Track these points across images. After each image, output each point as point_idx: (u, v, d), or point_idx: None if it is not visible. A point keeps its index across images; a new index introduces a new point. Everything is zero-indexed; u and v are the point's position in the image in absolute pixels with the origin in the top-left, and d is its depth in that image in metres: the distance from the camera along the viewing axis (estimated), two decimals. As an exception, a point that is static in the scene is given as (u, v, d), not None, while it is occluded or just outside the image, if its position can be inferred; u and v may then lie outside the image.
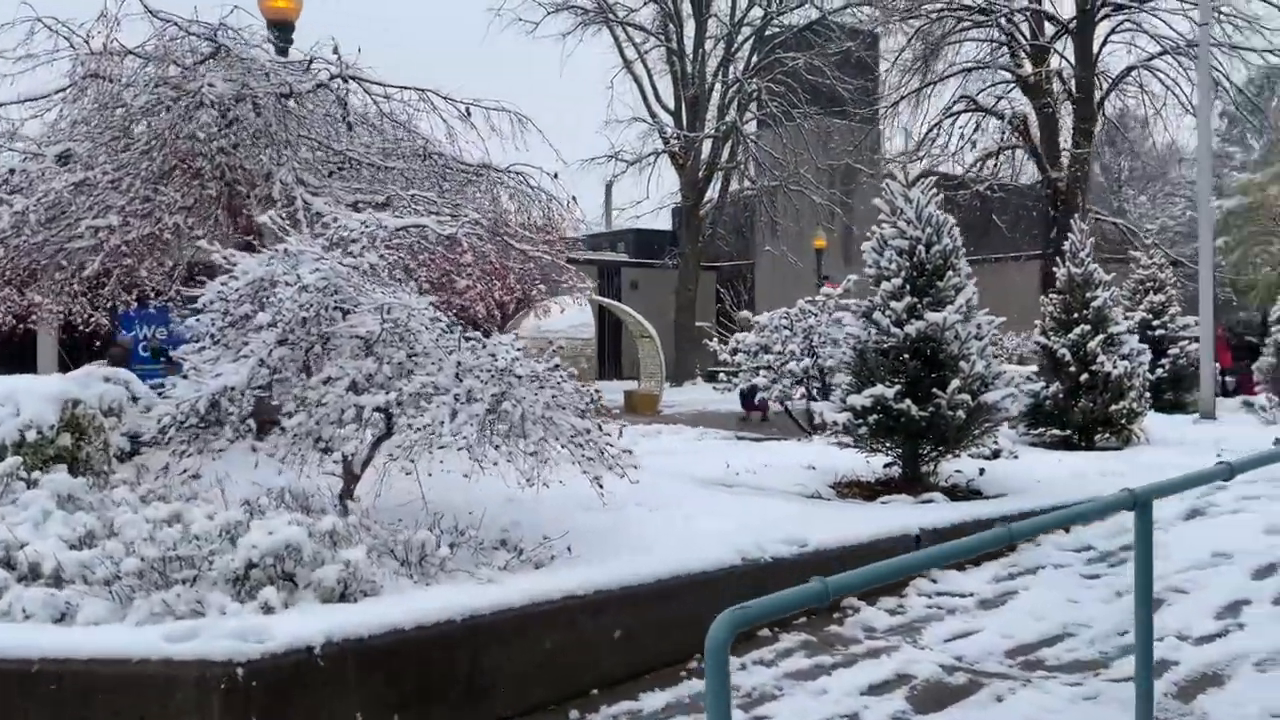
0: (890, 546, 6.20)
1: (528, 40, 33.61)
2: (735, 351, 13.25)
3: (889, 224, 7.88)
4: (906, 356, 7.48)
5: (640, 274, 40.70)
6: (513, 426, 5.42)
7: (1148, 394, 11.04)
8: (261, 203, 7.91)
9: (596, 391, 5.99)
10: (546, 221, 9.67)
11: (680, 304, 30.35)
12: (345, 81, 8.51)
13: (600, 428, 5.68)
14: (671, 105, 32.17)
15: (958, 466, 8.00)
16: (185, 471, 5.54)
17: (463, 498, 5.72)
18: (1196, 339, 14.70)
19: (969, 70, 24.21)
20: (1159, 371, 14.19)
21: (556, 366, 5.78)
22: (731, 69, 31.72)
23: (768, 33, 32.29)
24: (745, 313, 13.03)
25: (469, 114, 8.57)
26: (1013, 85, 23.66)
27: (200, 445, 5.64)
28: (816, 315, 12.63)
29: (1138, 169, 38.03)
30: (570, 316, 22.03)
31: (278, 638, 3.69)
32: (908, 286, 7.62)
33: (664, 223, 48.33)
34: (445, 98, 8.74)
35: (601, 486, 5.54)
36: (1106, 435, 10.95)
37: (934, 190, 7.86)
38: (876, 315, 7.56)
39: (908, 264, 7.65)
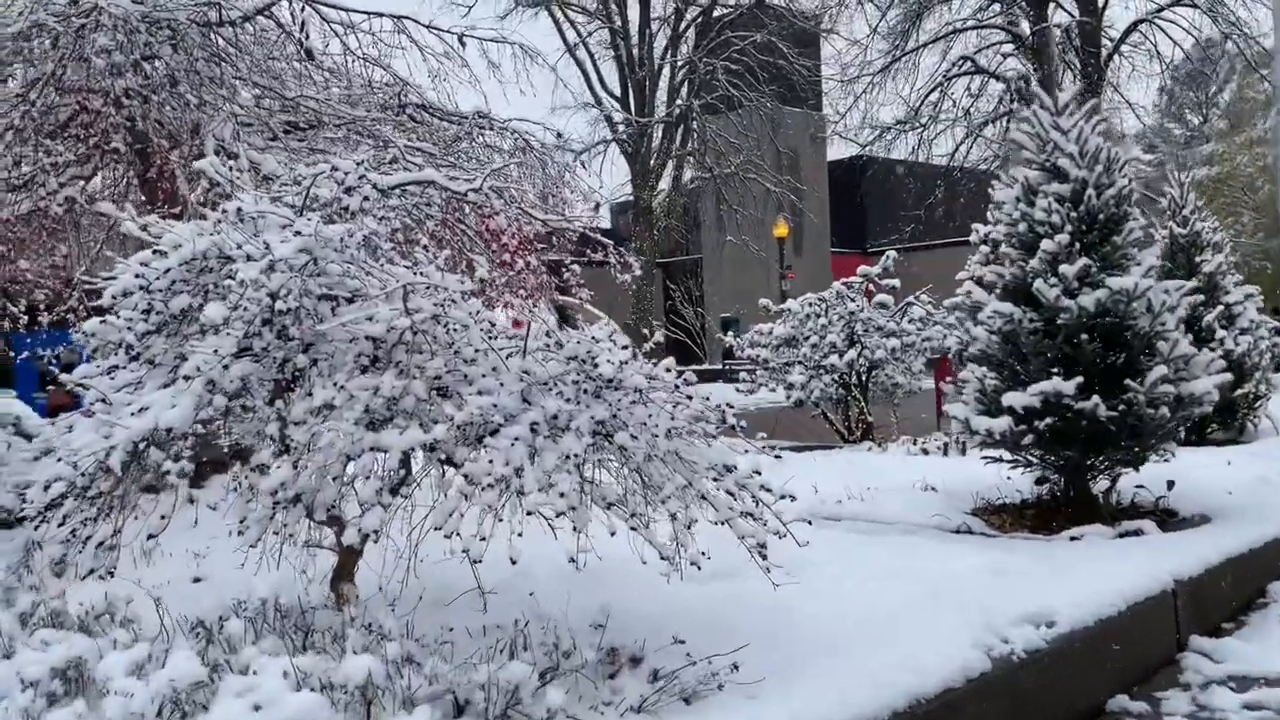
0: (1149, 611, 4.30)
1: (463, 24, 31.32)
2: (756, 345, 11.30)
3: (1035, 165, 5.99)
4: (1084, 338, 5.60)
5: (586, 273, 38.63)
6: (638, 470, 3.40)
7: (1272, 374, 9.38)
8: (188, 168, 5.72)
9: (728, 405, 3.99)
10: (554, 194, 7.60)
11: (640, 303, 28.34)
12: (296, 5, 6.34)
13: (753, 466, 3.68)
14: (618, 91, 30.22)
15: (1137, 480, 6.14)
16: (92, 572, 3.36)
17: (494, 572, 3.61)
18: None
19: (956, 32, 22.55)
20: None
21: (633, 358, 3.77)
22: (681, 50, 29.83)
23: (716, 12, 30.50)
24: (765, 300, 11.03)
25: (463, 43, 6.44)
26: (1003, 43, 22.02)
27: (116, 520, 3.51)
28: (855, 300, 10.73)
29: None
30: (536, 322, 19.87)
31: None
32: (1076, 245, 5.75)
33: (603, 221, 46.35)
34: (429, 26, 6.61)
35: (765, 557, 3.53)
36: (1214, 428, 9.27)
37: (1098, 117, 6.00)
38: (1039, 285, 5.65)
39: (1073, 215, 5.78)
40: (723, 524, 3.51)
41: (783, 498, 3.78)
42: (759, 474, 3.72)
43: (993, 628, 3.78)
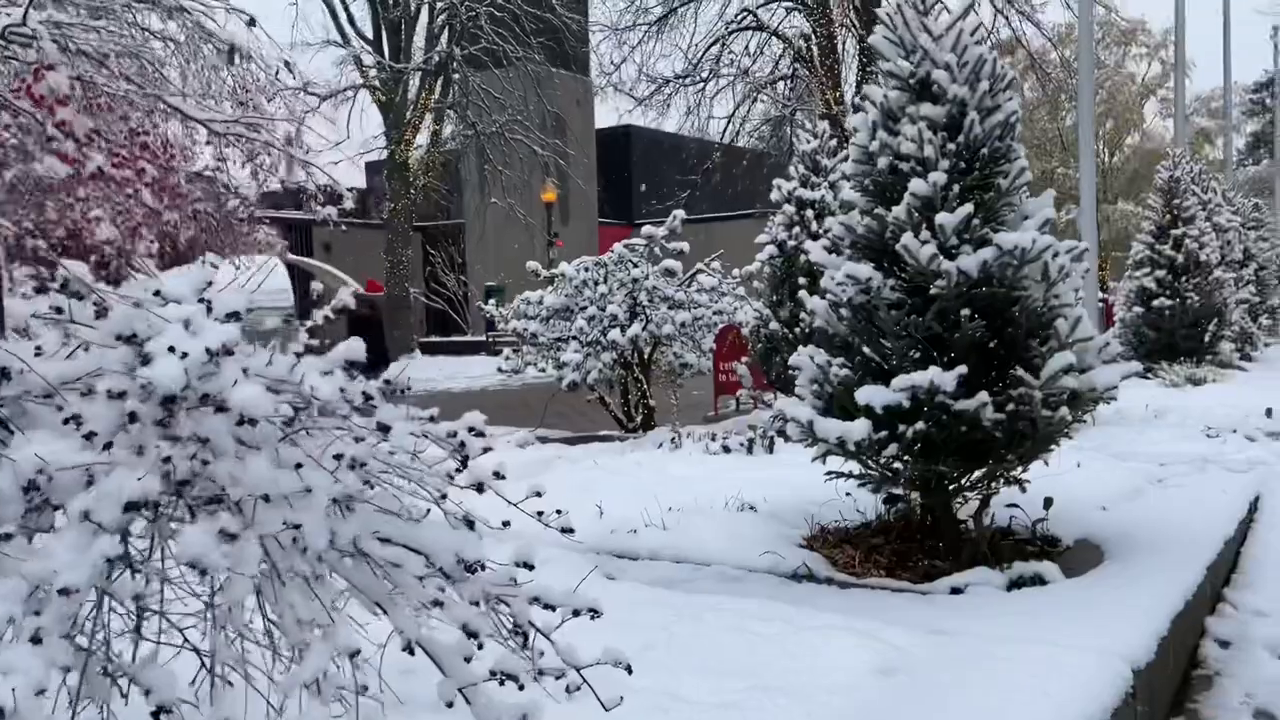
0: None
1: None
2: (522, 316, 9.46)
3: (895, 79, 4.47)
4: (965, 313, 4.14)
5: (334, 235, 35.41)
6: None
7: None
8: None
9: (471, 429, 2.15)
10: (244, 95, 5.40)
11: (395, 269, 25.77)
12: None
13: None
14: (370, 33, 27.24)
15: (1008, 497, 4.79)
16: None
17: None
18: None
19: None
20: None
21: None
22: (441, -8, 27.23)
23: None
24: (534, 263, 9.21)
25: None
26: (784, 1, 20.97)
27: None
28: (639, 265, 9.10)
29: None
30: (260, 282, 17.11)
31: None
32: (955, 187, 4.27)
33: (359, 179, 43.01)
34: None
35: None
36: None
37: (975, 19, 4.54)
38: (907, 241, 4.13)
39: (950, 147, 4.30)
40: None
41: (565, 531, 2.04)
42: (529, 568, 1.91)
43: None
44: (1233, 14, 23.52)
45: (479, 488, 1.86)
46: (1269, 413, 8.29)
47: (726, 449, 7.01)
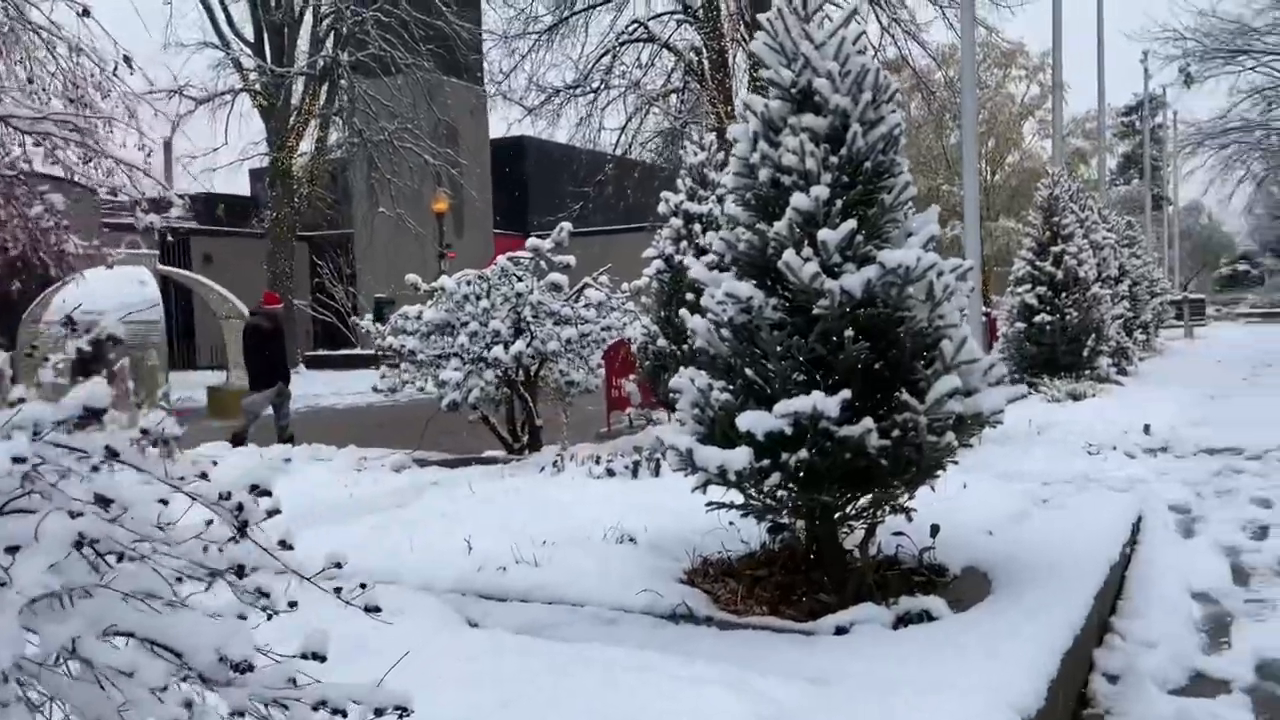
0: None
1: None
2: (400, 332, 9.01)
3: (777, 88, 4.26)
4: (849, 334, 3.94)
5: (215, 244, 34.00)
6: None
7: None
8: None
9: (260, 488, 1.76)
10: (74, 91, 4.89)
11: (276, 279, 24.80)
12: None
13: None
14: (251, 36, 26.22)
15: (894, 524, 4.61)
16: None
17: None
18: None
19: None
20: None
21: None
22: (326, -5, 26.39)
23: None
24: (413, 276, 8.80)
25: None
26: (675, 13, 20.80)
27: None
28: (524, 279, 8.77)
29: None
30: (126, 293, 16.13)
31: None
32: (838, 202, 4.07)
33: (242, 186, 41.53)
34: None
35: None
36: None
37: (858, 27, 4.36)
38: (789, 258, 3.91)
39: (833, 160, 4.10)
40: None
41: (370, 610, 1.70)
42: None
43: None
44: (1105, 39, 24.43)
45: (239, 572, 1.51)
46: (1147, 429, 8.42)
47: (610, 472, 6.73)
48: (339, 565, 1.64)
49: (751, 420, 3.94)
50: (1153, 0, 35.89)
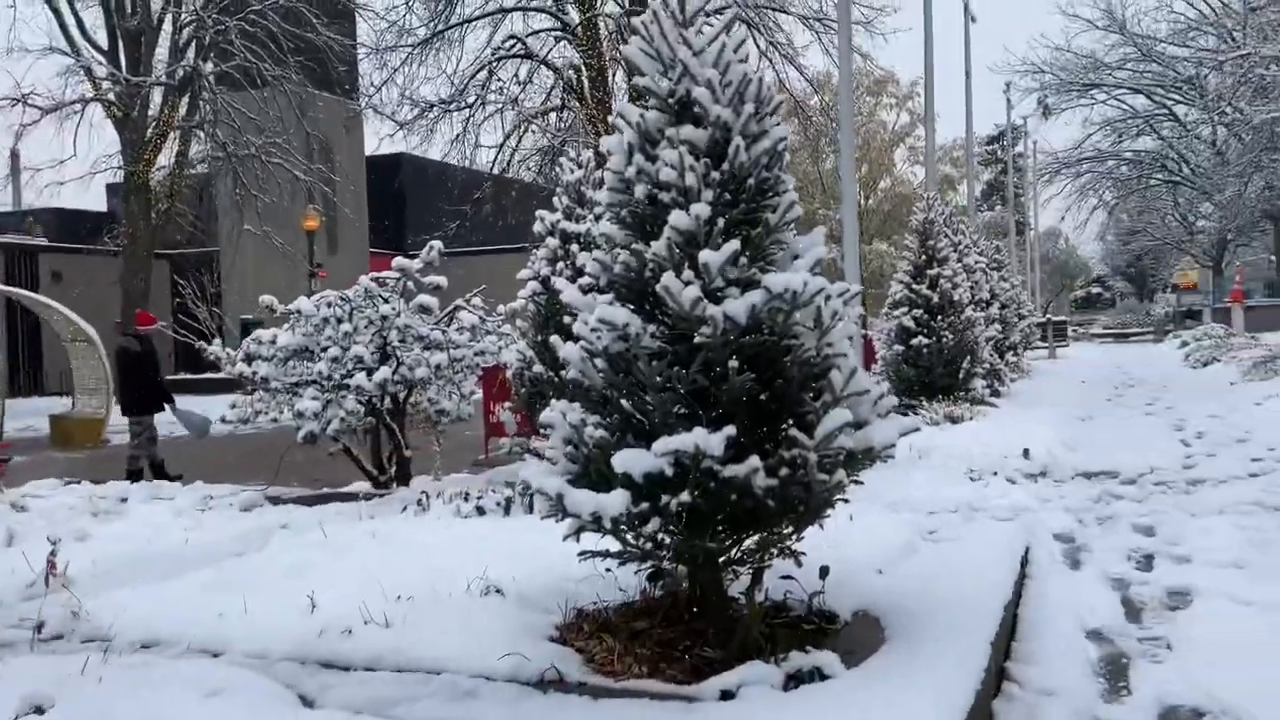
0: None
1: None
2: (253, 359, 8.35)
3: (654, 97, 3.93)
4: (733, 364, 3.61)
5: (65, 262, 31.98)
6: None
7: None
8: None
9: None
10: None
11: (130, 299, 23.32)
12: None
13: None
14: (104, 42, 24.73)
15: (782, 568, 4.28)
16: None
17: None
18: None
19: (504, 11, 20.59)
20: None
21: None
22: (185, 2, 25.10)
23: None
24: (269, 298, 8.16)
25: None
26: (553, 30, 20.40)
27: None
28: (389, 301, 8.24)
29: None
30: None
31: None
32: (720, 221, 3.75)
33: (96, 201, 39.35)
34: None
35: None
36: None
37: (740, 34, 4.06)
38: (668, 282, 3.57)
39: (715, 175, 3.78)
40: None
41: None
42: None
43: None
44: (971, 71, 25.25)
45: None
46: (1026, 454, 8.41)
47: (481, 510, 6.26)
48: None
49: (629, 460, 3.57)
50: (1013, 36, 37.44)
